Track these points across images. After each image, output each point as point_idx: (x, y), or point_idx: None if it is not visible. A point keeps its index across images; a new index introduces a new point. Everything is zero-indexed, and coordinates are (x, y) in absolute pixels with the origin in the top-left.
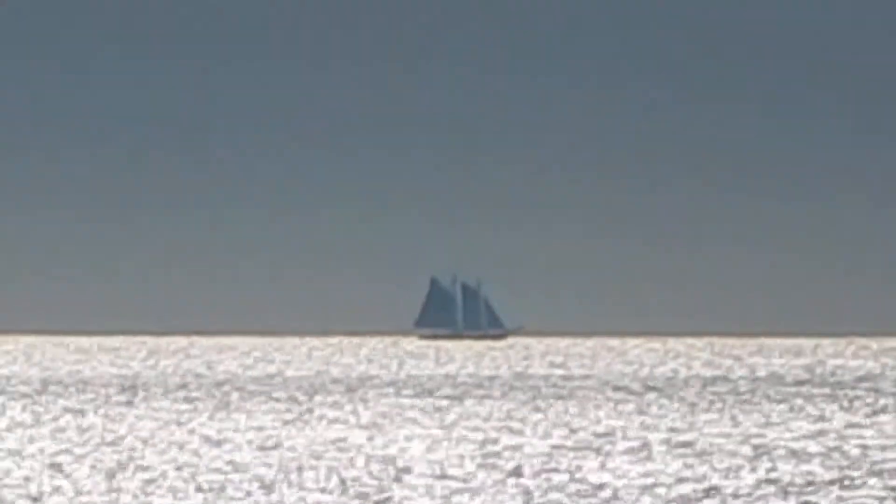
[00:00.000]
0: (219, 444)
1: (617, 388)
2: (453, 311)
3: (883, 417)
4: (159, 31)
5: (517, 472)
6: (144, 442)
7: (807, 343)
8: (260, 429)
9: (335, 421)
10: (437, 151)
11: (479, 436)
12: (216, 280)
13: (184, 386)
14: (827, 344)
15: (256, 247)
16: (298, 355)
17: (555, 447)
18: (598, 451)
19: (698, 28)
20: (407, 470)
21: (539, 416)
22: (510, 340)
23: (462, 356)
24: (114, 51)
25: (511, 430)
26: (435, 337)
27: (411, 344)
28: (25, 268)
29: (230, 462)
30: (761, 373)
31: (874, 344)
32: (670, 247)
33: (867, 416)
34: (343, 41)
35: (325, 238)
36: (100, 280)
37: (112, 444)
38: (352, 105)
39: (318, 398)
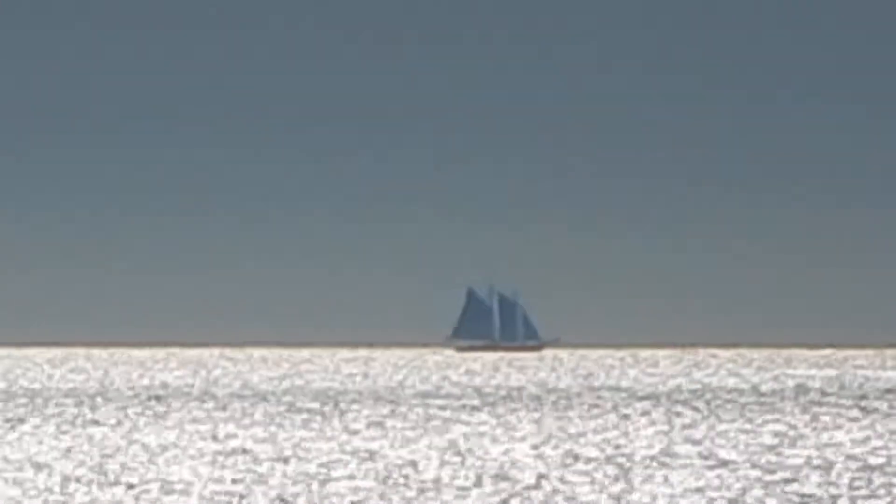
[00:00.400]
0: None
1: (642, 399)
2: (490, 323)
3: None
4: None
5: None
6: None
7: (839, 354)
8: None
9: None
10: (477, 164)
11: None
12: (249, 291)
13: (212, 396)
14: (860, 355)
15: (294, 258)
16: (333, 367)
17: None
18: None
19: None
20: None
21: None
22: (546, 352)
23: (491, 368)
24: (114, 52)
25: (493, 440)
26: (472, 349)
27: (447, 355)
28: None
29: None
30: (789, 383)
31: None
32: (707, 259)
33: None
34: (367, 43)
35: (363, 249)
36: (118, 290)
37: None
38: (389, 114)
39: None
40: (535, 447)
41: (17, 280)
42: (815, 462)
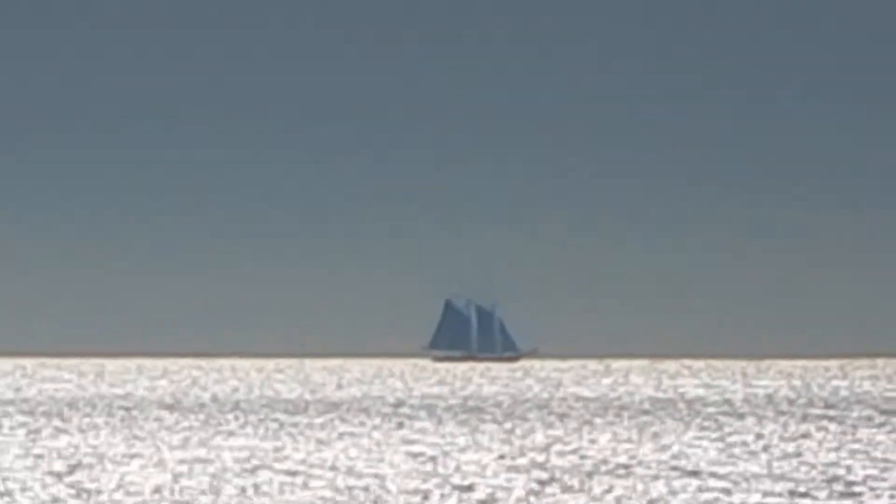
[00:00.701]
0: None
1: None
2: (468, 334)
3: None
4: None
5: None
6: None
7: (812, 364)
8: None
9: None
10: (455, 173)
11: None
12: (222, 300)
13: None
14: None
15: (267, 266)
16: (303, 376)
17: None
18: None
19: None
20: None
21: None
22: (523, 363)
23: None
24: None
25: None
26: (449, 359)
27: (423, 366)
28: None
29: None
30: (759, 393)
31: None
32: (686, 269)
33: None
34: (351, 48)
35: (339, 258)
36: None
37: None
38: (367, 123)
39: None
40: (498, 457)
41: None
42: (776, 471)
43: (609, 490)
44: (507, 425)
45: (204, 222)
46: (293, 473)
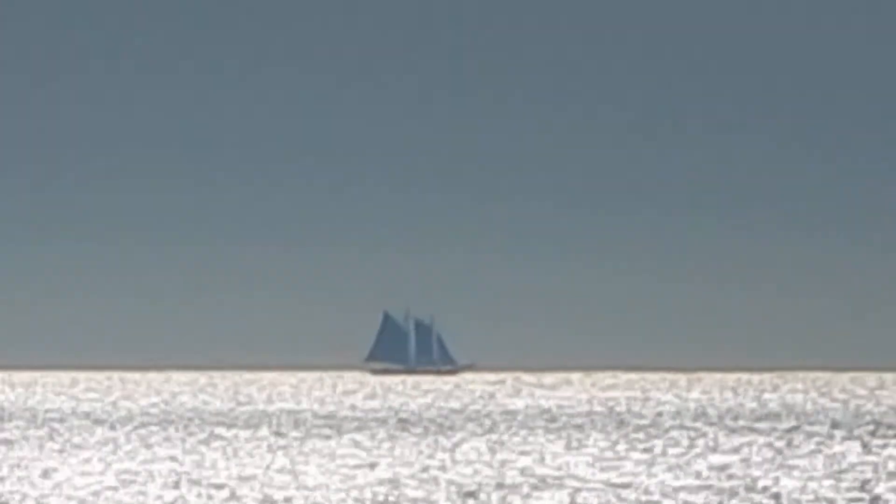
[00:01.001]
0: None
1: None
2: (405, 347)
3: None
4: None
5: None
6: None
7: (749, 377)
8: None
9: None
10: (392, 186)
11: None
12: (164, 314)
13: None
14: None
15: (204, 279)
16: (233, 389)
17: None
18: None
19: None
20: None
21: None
22: (461, 376)
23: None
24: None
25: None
26: (387, 372)
27: (358, 378)
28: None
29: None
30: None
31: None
32: (620, 285)
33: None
34: (288, 70)
35: (279, 272)
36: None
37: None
38: (304, 137)
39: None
40: (420, 469)
41: None
42: (701, 483)
43: (528, 502)
44: (433, 438)
45: (138, 238)
46: (217, 487)
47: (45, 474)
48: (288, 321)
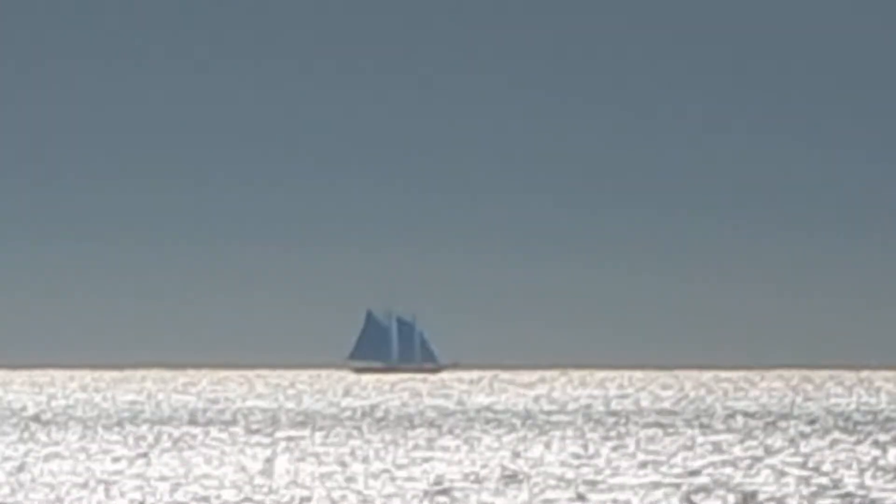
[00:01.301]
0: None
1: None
2: (388, 345)
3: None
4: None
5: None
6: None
7: (726, 375)
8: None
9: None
10: (376, 184)
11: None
12: (144, 313)
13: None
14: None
15: (186, 277)
16: (213, 387)
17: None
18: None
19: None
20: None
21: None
22: (444, 375)
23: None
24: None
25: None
26: (369, 370)
27: (341, 377)
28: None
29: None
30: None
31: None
32: (602, 284)
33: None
34: (273, 68)
35: (260, 269)
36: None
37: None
38: (286, 135)
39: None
40: (393, 466)
41: None
42: (669, 481)
43: (499, 499)
44: (410, 435)
45: (139, 238)
46: (174, 486)
47: (16, 471)
48: (270, 320)
